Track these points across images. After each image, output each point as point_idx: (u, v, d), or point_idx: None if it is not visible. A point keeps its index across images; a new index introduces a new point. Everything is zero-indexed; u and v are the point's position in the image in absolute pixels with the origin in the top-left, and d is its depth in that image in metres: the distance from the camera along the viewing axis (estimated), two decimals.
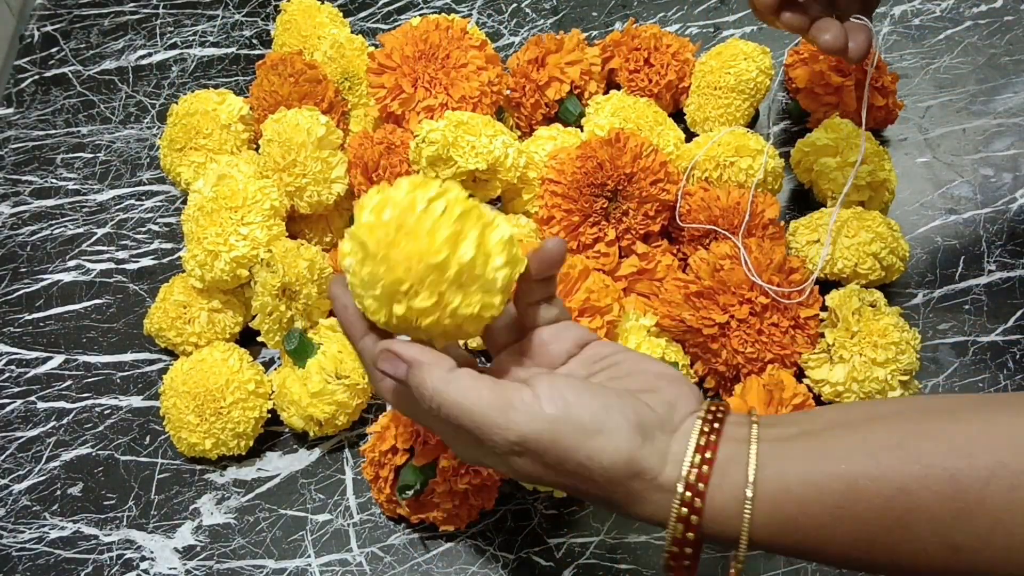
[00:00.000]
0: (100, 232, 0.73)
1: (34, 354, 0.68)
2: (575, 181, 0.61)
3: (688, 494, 0.37)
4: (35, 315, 0.70)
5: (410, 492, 0.54)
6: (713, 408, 0.40)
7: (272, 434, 0.63)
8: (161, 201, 0.75)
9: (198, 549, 0.59)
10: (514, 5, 0.84)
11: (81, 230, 0.74)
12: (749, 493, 0.37)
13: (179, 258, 0.71)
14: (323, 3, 0.79)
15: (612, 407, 0.38)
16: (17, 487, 0.62)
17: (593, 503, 0.41)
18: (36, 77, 0.83)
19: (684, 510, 0.37)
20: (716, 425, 0.39)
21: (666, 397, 0.40)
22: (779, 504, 0.37)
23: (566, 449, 0.37)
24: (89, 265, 0.72)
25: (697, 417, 0.39)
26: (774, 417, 0.40)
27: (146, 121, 0.80)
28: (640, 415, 0.38)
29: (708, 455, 0.38)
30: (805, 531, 0.37)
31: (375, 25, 0.84)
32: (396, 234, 0.38)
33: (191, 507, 0.60)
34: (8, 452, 0.64)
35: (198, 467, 0.62)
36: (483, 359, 0.65)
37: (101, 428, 0.64)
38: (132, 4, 0.88)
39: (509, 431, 0.37)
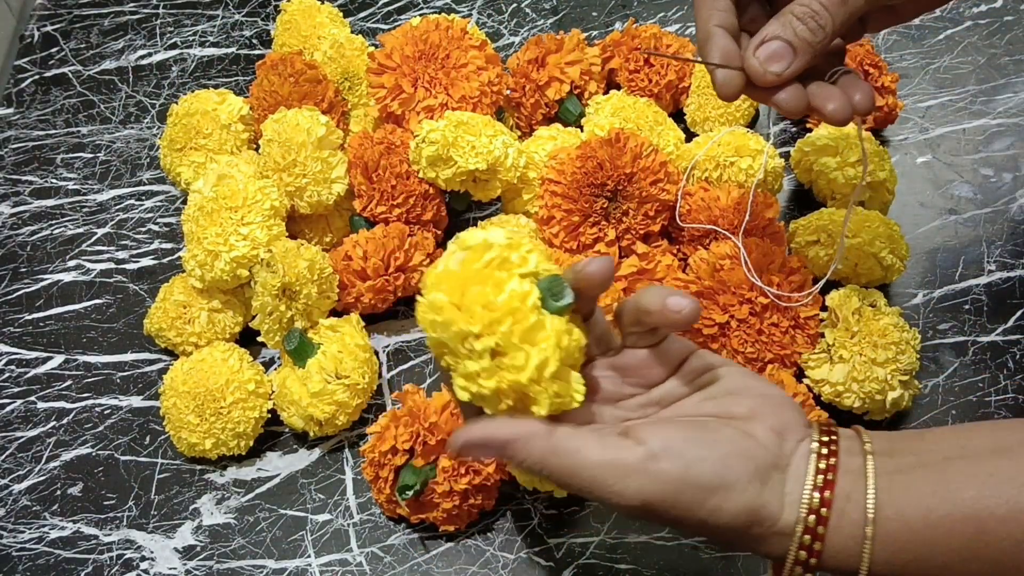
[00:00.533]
0: (100, 232, 0.73)
1: (34, 354, 0.68)
2: (575, 181, 0.61)
3: (807, 537, 0.37)
4: (35, 315, 0.70)
5: (410, 492, 0.54)
6: (825, 438, 0.39)
7: (272, 434, 0.63)
8: (161, 201, 0.75)
9: (198, 549, 0.59)
10: (514, 5, 0.84)
11: (81, 230, 0.74)
12: (869, 532, 0.36)
13: (179, 258, 0.71)
14: (323, 3, 0.79)
15: (730, 458, 0.37)
16: (17, 487, 0.62)
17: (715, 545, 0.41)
18: (36, 77, 0.83)
19: (803, 553, 0.37)
20: (832, 460, 0.38)
21: (773, 425, 0.39)
22: (901, 544, 0.36)
23: (688, 508, 0.37)
24: (89, 265, 0.72)
25: (811, 451, 0.38)
26: (887, 441, 0.39)
27: (146, 121, 0.80)
28: (756, 459, 0.37)
29: (826, 494, 0.37)
30: (927, 571, 0.36)
31: (375, 25, 0.84)
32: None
33: (191, 507, 0.60)
34: (8, 452, 0.64)
35: (198, 467, 0.62)
36: None
37: (101, 428, 0.64)
38: (132, 4, 0.88)
39: (628, 497, 0.37)
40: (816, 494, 0.37)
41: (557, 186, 0.62)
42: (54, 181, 0.76)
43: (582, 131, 0.68)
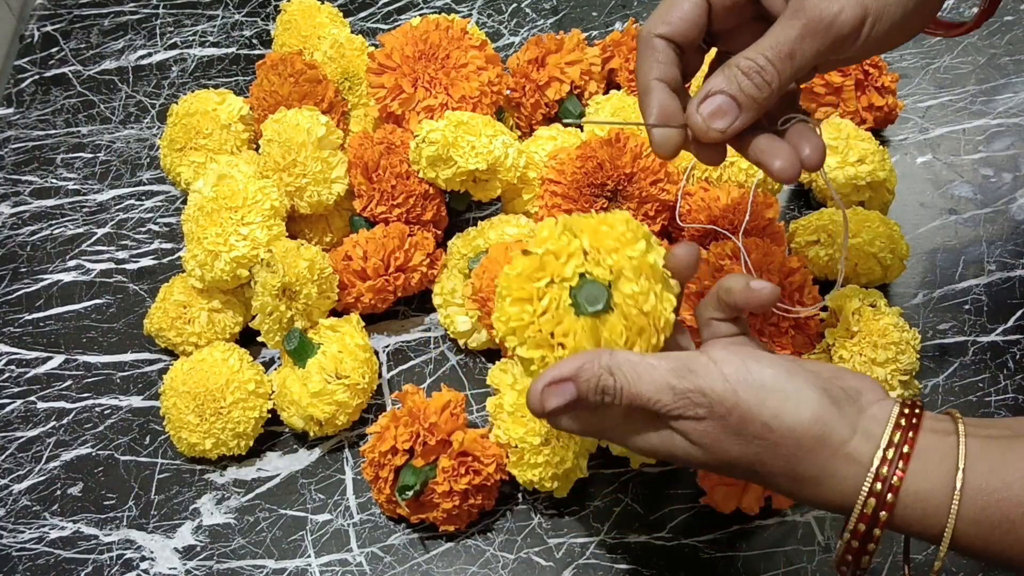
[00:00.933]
0: (100, 232, 0.73)
1: (34, 354, 0.68)
2: (575, 181, 0.61)
3: (885, 468, 0.34)
4: (35, 315, 0.70)
5: (410, 493, 0.54)
6: (910, 400, 0.37)
7: (272, 434, 0.63)
8: (161, 201, 0.75)
9: (198, 549, 0.59)
10: (514, 5, 0.84)
11: (81, 230, 0.74)
12: (958, 483, 0.34)
13: (179, 258, 0.71)
14: (323, 3, 0.79)
15: (794, 371, 0.37)
16: (17, 487, 0.62)
17: (778, 486, 0.38)
18: (36, 77, 0.83)
19: (878, 485, 0.34)
20: (917, 411, 0.36)
21: (852, 383, 0.38)
22: (994, 504, 0.34)
23: (749, 408, 0.36)
24: (89, 265, 0.72)
25: (893, 402, 0.37)
26: (981, 420, 0.38)
27: (146, 121, 0.80)
28: (827, 384, 0.37)
29: (911, 434, 0.35)
30: (1016, 542, 0.34)
31: (375, 25, 0.84)
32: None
33: (191, 507, 0.60)
34: (8, 452, 0.64)
35: (198, 467, 0.62)
36: (483, 359, 0.65)
37: (101, 428, 0.64)
38: (132, 4, 0.88)
39: (692, 392, 0.36)
40: (897, 432, 0.35)
41: (557, 186, 0.62)
42: (54, 181, 0.76)
43: (582, 131, 0.68)
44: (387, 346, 0.66)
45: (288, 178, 0.64)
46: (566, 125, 0.67)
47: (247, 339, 0.65)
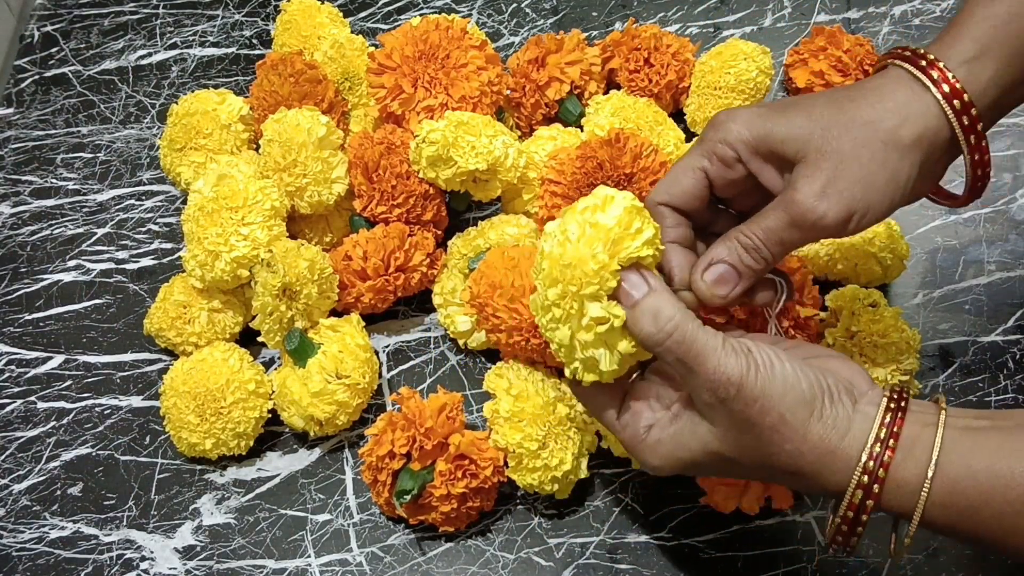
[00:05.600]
0: (100, 232, 0.73)
1: (34, 354, 0.68)
2: (575, 181, 0.61)
3: (871, 463, 0.38)
4: (35, 315, 0.70)
5: (407, 497, 0.54)
6: (898, 390, 0.41)
7: (272, 434, 0.63)
8: (161, 201, 0.75)
9: (198, 549, 0.59)
10: (514, 5, 0.84)
11: (81, 230, 0.74)
12: (930, 472, 0.38)
13: (179, 258, 0.71)
14: (323, 3, 0.79)
15: (804, 368, 0.40)
16: (17, 487, 0.62)
17: (774, 479, 0.43)
18: (36, 77, 0.83)
19: (865, 477, 0.38)
20: (903, 403, 0.40)
21: (844, 374, 0.42)
22: (961, 490, 0.37)
23: (771, 399, 0.39)
24: (89, 265, 0.72)
25: (883, 394, 0.41)
26: (963, 409, 0.41)
27: (146, 121, 0.80)
28: (825, 379, 0.40)
29: (895, 428, 0.39)
30: (986, 522, 0.37)
31: (375, 25, 0.84)
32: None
33: (191, 507, 0.60)
34: (8, 452, 0.64)
35: (198, 467, 0.62)
36: (483, 359, 0.65)
37: (101, 428, 0.64)
38: (132, 4, 0.88)
39: (729, 375, 0.39)
40: (883, 427, 0.39)
41: (557, 186, 0.62)
42: (54, 181, 0.76)
43: (582, 131, 0.68)
44: (387, 346, 0.66)
45: (288, 178, 0.64)
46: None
47: (247, 339, 0.65)
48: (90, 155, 0.78)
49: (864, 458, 0.38)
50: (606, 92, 0.72)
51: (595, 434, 0.58)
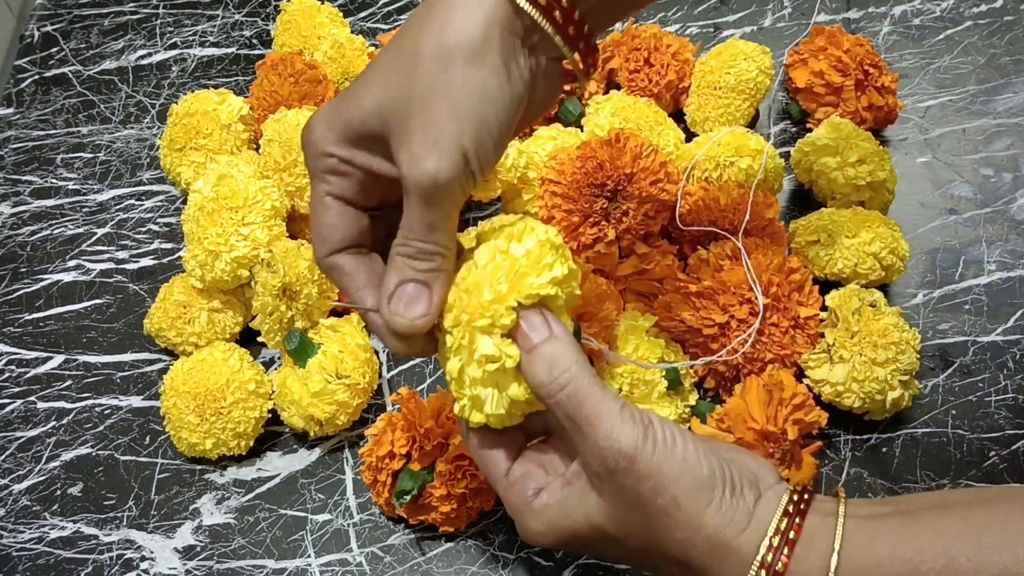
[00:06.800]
0: (100, 232, 0.73)
1: (34, 354, 0.68)
2: (575, 181, 0.61)
3: (770, 555, 0.36)
4: (35, 315, 0.70)
5: (407, 497, 0.54)
6: (800, 486, 0.40)
7: (272, 434, 0.63)
8: (161, 201, 0.75)
9: (198, 549, 0.59)
10: None
11: (81, 230, 0.74)
12: (833, 563, 0.36)
13: (179, 258, 0.71)
14: (323, 3, 0.79)
15: (707, 453, 0.38)
16: (17, 487, 0.62)
17: (668, 570, 0.40)
18: (36, 77, 0.83)
19: (763, 572, 0.36)
20: (805, 496, 0.38)
21: (750, 466, 0.40)
22: None
23: (665, 479, 0.37)
24: (89, 265, 0.72)
25: (786, 488, 0.39)
26: (866, 500, 0.40)
27: (146, 121, 0.80)
28: (728, 470, 0.38)
29: (797, 520, 0.37)
30: None
31: (375, 25, 0.84)
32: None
33: (191, 507, 0.60)
34: (8, 452, 0.64)
35: (198, 467, 0.62)
36: None
37: (101, 428, 0.64)
38: (132, 4, 0.88)
39: (623, 447, 0.37)
40: (785, 519, 0.37)
41: (557, 186, 0.62)
42: (54, 181, 0.76)
43: (582, 131, 0.68)
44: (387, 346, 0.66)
45: (288, 178, 0.64)
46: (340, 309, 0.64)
47: (247, 339, 0.65)
48: (90, 155, 0.78)
49: (763, 551, 0.36)
50: (606, 92, 0.72)
51: None
